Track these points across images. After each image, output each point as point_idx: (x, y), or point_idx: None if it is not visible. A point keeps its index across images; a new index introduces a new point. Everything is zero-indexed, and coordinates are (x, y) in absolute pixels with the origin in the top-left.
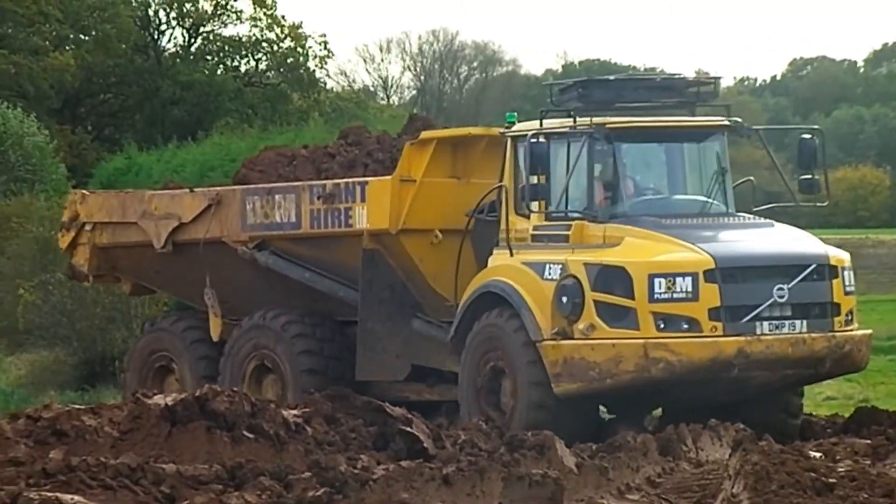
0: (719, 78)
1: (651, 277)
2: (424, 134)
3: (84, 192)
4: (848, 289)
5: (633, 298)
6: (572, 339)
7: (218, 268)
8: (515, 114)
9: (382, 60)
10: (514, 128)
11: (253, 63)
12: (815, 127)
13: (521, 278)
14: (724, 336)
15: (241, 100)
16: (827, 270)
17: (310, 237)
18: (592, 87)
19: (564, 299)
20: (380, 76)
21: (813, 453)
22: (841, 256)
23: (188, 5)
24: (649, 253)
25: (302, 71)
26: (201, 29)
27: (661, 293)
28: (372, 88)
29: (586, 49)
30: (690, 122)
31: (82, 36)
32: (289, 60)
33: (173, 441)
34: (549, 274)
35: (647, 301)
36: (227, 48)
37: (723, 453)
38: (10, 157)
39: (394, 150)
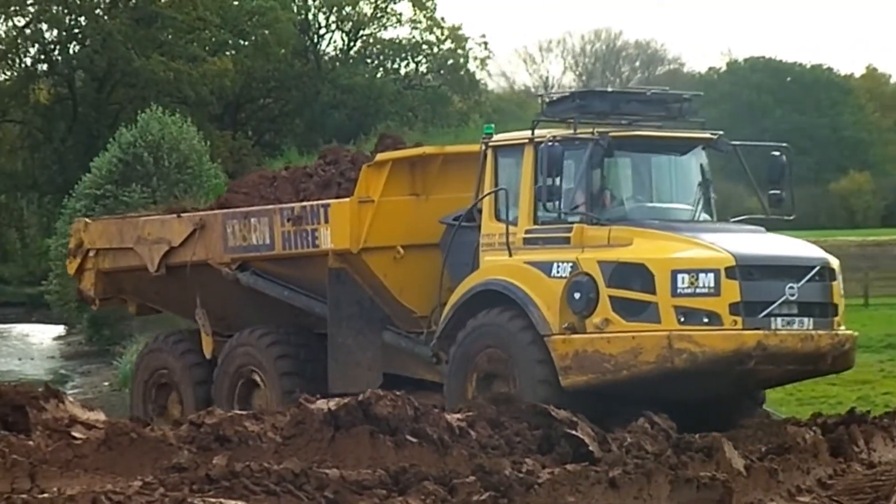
0: (699, 94)
1: (674, 273)
2: (380, 156)
3: (86, 220)
4: (841, 291)
5: (654, 293)
6: (583, 333)
7: (206, 288)
8: (493, 125)
9: (543, 61)
10: (494, 138)
11: (413, 65)
12: (783, 144)
13: (526, 276)
14: (744, 330)
15: (401, 102)
16: (828, 273)
17: (283, 258)
18: (591, 98)
19: (577, 295)
20: (541, 77)
21: None
22: (835, 261)
23: (348, 9)
24: (668, 250)
25: (462, 73)
26: (361, 32)
27: (683, 288)
28: (533, 89)
29: (751, 46)
30: (684, 135)
31: (241, 41)
32: (449, 62)
33: (336, 446)
34: (558, 272)
35: (669, 296)
36: (386, 51)
37: None
38: (167, 160)
39: None
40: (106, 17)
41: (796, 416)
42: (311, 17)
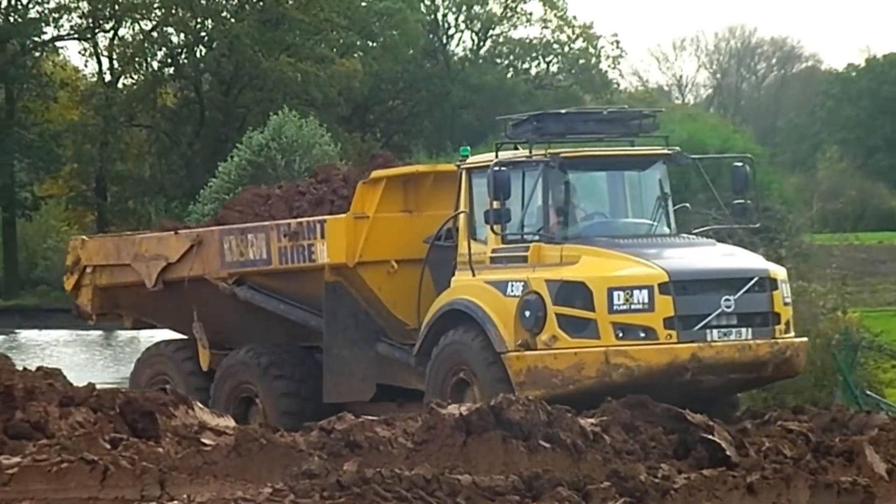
0: (660, 111)
1: (610, 291)
2: (375, 173)
3: (83, 237)
4: (786, 300)
5: (593, 310)
6: (535, 349)
7: (203, 303)
8: (468, 147)
9: (676, 59)
10: (468, 160)
11: (543, 65)
12: (747, 155)
13: (485, 296)
14: (679, 343)
15: (531, 103)
16: (768, 283)
17: (280, 272)
18: (546, 120)
19: (528, 313)
20: (674, 75)
21: None
22: (779, 271)
23: (477, 8)
24: (607, 269)
25: (594, 72)
26: (490, 32)
27: (619, 305)
28: (666, 88)
29: (891, 42)
30: (636, 152)
31: (369, 42)
32: (580, 62)
33: (468, 451)
34: (512, 291)
35: (606, 312)
36: (517, 51)
37: None
38: (298, 164)
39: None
40: (232, 20)
41: None
42: (439, 17)
